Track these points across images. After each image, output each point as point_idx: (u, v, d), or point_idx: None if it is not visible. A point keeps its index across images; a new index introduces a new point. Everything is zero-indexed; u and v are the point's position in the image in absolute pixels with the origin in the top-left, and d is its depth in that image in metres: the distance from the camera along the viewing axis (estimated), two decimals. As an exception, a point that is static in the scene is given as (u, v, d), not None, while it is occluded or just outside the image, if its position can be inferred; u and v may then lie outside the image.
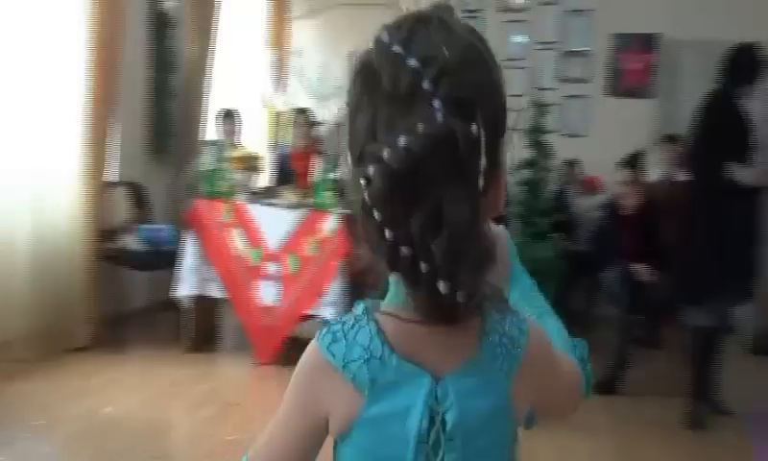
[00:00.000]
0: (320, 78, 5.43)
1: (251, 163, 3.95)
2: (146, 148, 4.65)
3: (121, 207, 4.29)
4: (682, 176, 4.85)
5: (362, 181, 0.55)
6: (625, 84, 5.70)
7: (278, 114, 5.78)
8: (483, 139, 0.56)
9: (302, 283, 3.83)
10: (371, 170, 0.54)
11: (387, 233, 0.55)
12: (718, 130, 3.18)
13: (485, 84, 0.59)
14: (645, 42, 5.66)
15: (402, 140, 0.53)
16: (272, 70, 5.20)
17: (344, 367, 0.61)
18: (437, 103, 0.54)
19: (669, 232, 4.19)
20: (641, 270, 3.73)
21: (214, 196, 3.98)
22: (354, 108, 0.60)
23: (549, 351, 0.71)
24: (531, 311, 0.77)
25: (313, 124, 4.40)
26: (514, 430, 0.68)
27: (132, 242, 4.13)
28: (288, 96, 5.05)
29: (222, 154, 4.11)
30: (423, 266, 0.55)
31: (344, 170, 4.31)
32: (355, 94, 0.60)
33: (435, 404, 0.61)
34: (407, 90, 0.55)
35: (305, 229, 3.84)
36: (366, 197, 0.55)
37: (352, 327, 0.62)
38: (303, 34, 5.84)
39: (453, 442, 0.61)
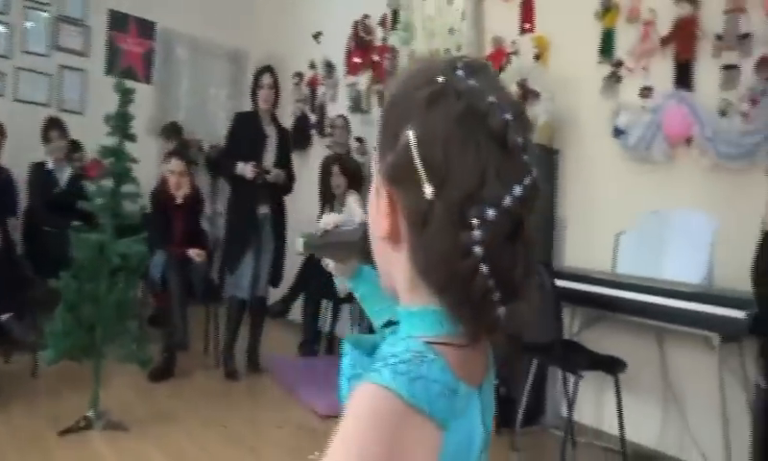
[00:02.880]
0: None
1: None
2: None
3: None
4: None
5: (474, 221, 0.58)
6: (124, 65, 5.59)
7: None
8: None
9: None
10: (490, 212, 0.58)
11: (484, 268, 0.58)
12: (234, 138, 3.90)
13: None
14: (143, 27, 5.69)
15: (517, 190, 0.59)
16: None
17: (429, 406, 0.56)
18: (525, 157, 0.60)
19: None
20: (193, 253, 3.93)
21: None
22: (445, 142, 0.59)
23: None
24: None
25: None
26: None
27: None
28: None
29: None
30: (497, 295, 0.59)
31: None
32: (447, 128, 0.59)
33: (482, 415, 0.65)
34: (512, 143, 0.59)
35: None
36: (476, 233, 0.58)
37: (421, 363, 0.58)
38: None
39: (489, 440, 0.67)
